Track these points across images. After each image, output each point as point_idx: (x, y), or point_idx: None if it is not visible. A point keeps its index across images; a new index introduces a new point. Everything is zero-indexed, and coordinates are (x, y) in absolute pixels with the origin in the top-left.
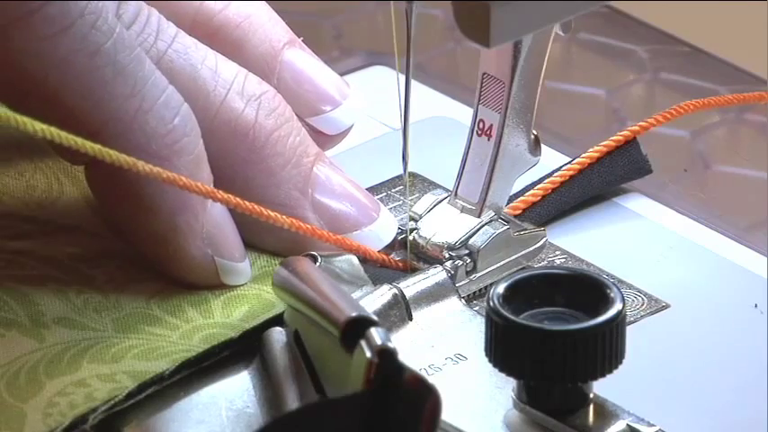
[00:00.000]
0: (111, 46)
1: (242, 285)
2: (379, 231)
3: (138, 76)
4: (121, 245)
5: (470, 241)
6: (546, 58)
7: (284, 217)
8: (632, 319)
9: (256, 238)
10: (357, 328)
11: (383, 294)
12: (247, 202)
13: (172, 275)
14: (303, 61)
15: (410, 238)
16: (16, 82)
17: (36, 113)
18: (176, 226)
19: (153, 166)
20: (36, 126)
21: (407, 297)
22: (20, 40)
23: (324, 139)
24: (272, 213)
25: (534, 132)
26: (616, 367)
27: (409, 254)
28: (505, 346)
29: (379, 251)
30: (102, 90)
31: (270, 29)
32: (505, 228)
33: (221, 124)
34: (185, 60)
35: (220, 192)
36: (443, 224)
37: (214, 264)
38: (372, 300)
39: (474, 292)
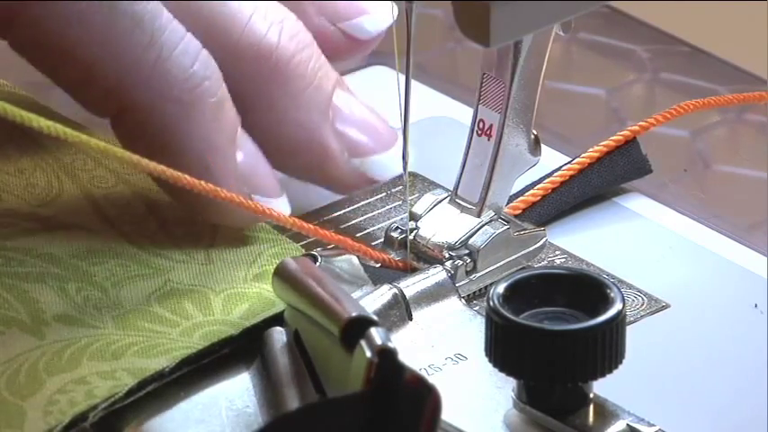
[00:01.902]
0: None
1: (242, 284)
2: (391, 160)
3: (156, 26)
4: (122, 242)
5: (470, 241)
6: (546, 58)
7: (287, 217)
8: (632, 319)
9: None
10: (357, 327)
11: (383, 294)
12: (251, 202)
13: (212, 220)
14: None
15: (410, 238)
16: (36, 38)
17: (57, 69)
18: (207, 166)
19: (164, 167)
20: (42, 122)
21: (407, 297)
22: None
23: (357, 45)
24: (274, 213)
25: (534, 132)
26: (616, 367)
27: (409, 254)
28: (505, 346)
29: (379, 250)
30: (120, 41)
31: None
32: (505, 228)
33: (245, 46)
34: None
35: (224, 191)
36: (443, 224)
37: (251, 203)
38: (372, 300)
39: (474, 292)
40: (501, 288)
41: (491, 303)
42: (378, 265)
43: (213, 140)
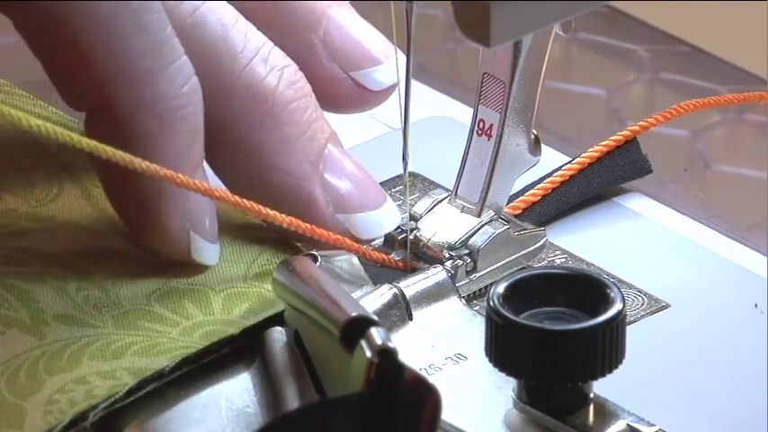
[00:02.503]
0: (135, 2)
1: (242, 283)
2: (383, 218)
3: (158, 37)
4: (121, 242)
5: (470, 241)
6: (546, 58)
7: (283, 216)
8: (632, 319)
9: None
10: (357, 327)
11: (383, 294)
12: (246, 201)
13: (147, 245)
14: (350, 18)
15: (410, 238)
16: (41, 18)
17: (51, 50)
18: (161, 191)
19: (150, 164)
20: (32, 122)
21: (407, 297)
22: None
23: (368, 96)
24: (270, 212)
25: (534, 132)
26: (616, 367)
27: (409, 254)
28: (505, 346)
29: (379, 250)
30: (120, 40)
31: None
32: (505, 228)
33: (243, 86)
34: (218, 19)
35: (218, 189)
36: (443, 224)
37: (188, 239)
38: (372, 300)
39: (474, 292)
40: (501, 288)
41: (491, 303)
42: (378, 266)
43: (178, 167)
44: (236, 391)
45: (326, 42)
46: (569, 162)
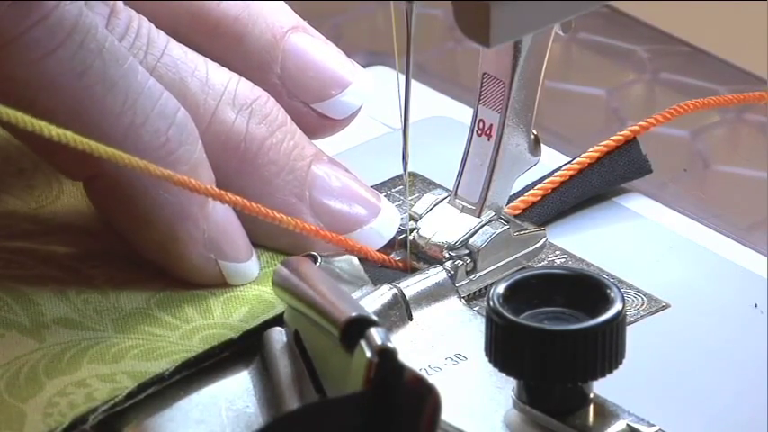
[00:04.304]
0: (100, 64)
1: (242, 285)
2: (380, 228)
3: (131, 90)
4: (121, 245)
5: (470, 241)
6: (546, 58)
7: (288, 218)
8: (632, 319)
9: (261, 239)
10: (357, 327)
11: (383, 294)
12: (254, 204)
13: (177, 277)
14: (307, 46)
15: (410, 238)
16: (8, 104)
17: (29, 135)
18: (176, 236)
19: (164, 169)
20: (34, 123)
21: (407, 297)
22: (4, 67)
23: (332, 124)
24: (277, 214)
25: (534, 132)
26: (616, 367)
27: (409, 254)
28: (505, 346)
29: (379, 250)
30: (92, 109)
31: (270, 17)
32: (505, 228)
33: (212, 138)
34: (174, 74)
35: (229, 194)
36: (443, 224)
37: (217, 266)
38: (372, 300)
39: (474, 292)
40: (501, 288)
41: (491, 303)
42: (378, 266)
43: (184, 207)
44: (236, 392)
45: (284, 78)
46: (569, 162)
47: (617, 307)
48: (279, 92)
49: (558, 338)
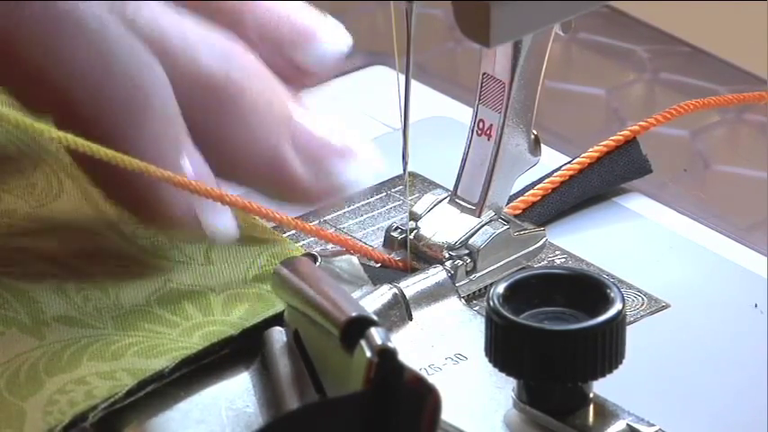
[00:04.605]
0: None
1: (242, 284)
2: (358, 176)
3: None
4: (121, 243)
5: (470, 241)
6: (546, 58)
7: (289, 218)
8: (632, 319)
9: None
10: (357, 327)
11: (383, 294)
12: (254, 204)
13: (154, 227)
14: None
15: (410, 237)
16: None
17: (7, 72)
18: (159, 195)
19: (164, 171)
20: (34, 124)
21: (407, 297)
22: None
23: (309, 77)
24: (278, 215)
25: (534, 132)
26: (616, 367)
27: (409, 254)
28: (505, 346)
29: (379, 250)
30: (65, 49)
31: None
32: (505, 228)
33: (191, 82)
34: (155, 24)
35: (229, 195)
36: (443, 224)
37: (197, 222)
38: (372, 300)
39: (474, 292)
40: (501, 288)
41: (491, 303)
42: (378, 265)
43: (161, 150)
44: (236, 391)
45: (259, 30)
46: (569, 162)
47: (617, 307)
48: (249, 36)
49: (558, 338)
